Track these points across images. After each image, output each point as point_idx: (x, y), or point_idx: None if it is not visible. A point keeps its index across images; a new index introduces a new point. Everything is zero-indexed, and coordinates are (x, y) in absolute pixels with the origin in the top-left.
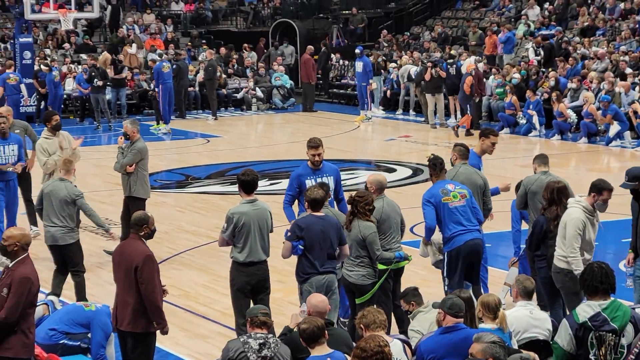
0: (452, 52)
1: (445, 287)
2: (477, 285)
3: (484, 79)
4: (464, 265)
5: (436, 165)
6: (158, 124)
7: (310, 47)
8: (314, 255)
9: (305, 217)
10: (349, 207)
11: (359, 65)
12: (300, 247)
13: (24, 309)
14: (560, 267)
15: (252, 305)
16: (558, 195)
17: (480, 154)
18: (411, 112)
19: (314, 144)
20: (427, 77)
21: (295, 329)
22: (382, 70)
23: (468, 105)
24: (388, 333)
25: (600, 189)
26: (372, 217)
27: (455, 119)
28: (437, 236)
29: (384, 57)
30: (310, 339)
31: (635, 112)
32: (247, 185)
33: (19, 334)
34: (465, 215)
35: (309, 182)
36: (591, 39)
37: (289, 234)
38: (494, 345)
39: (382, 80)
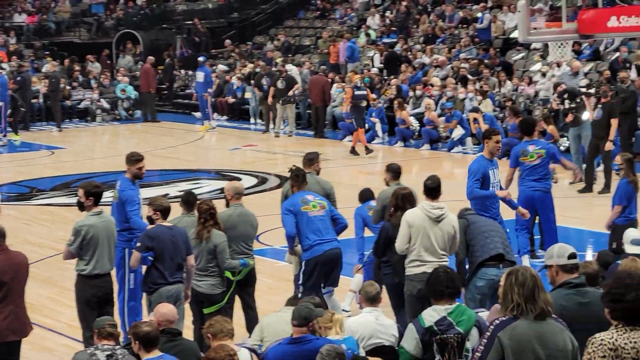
0: (278, 60)
1: (299, 294)
2: (335, 285)
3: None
4: (321, 274)
5: (298, 177)
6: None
7: (151, 58)
8: (165, 266)
9: (155, 227)
10: (201, 218)
11: (199, 75)
12: (150, 257)
13: None
14: (406, 274)
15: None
16: (403, 201)
17: (489, 156)
18: (258, 120)
19: (139, 157)
20: (280, 86)
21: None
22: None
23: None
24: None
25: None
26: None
27: (274, 126)
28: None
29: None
30: (152, 342)
31: (475, 119)
32: (94, 197)
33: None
34: (324, 225)
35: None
36: (432, 46)
37: (138, 244)
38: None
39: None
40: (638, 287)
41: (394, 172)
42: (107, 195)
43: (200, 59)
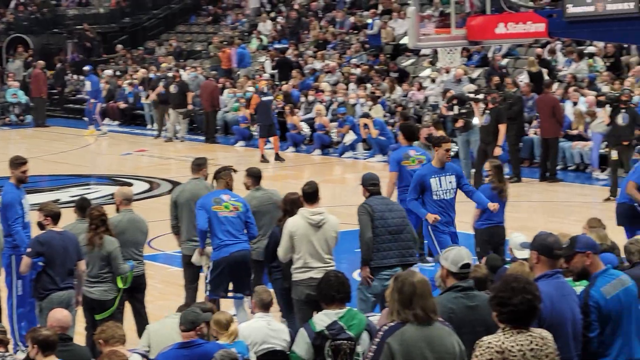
0: (164, 65)
1: (207, 293)
2: (249, 296)
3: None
4: (229, 276)
5: (218, 173)
6: None
7: (41, 62)
8: (55, 272)
9: (45, 232)
10: (92, 225)
11: (87, 84)
12: (41, 263)
13: None
14: (293, 279)
15: None
16: (291, 206)
17: (439, 164)
18: (149, 126)
19: (23, 160)
20: (173, 90)
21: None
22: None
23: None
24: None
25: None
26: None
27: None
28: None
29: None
30: (50, 347)
31: (365, 125)
32: None
33: None
34: (234, 226)
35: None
36: (323, 52)
37: (28, 250)
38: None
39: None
40: (524, 291)
41: (255, 176)
42: None
43: (86, 68)
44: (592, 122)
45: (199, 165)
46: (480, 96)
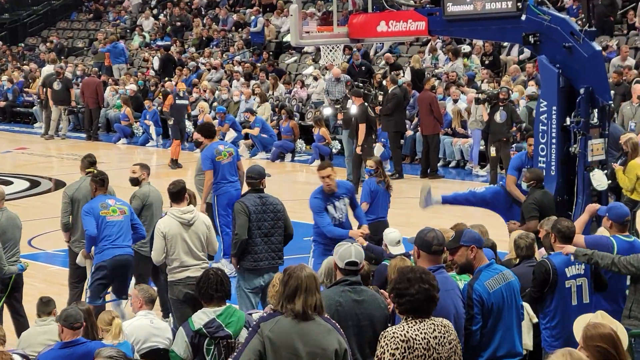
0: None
1: (87, 299)
2: (125, 298)
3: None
4: (110, 279)
5: (102, 180)
6: None
7: None
8: None
9: None
10: None
11: None
12: None
13: None
14: (170, 279)
15: None
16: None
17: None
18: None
19: None
20: (56, 87)
21: None
22: None
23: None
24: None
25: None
26: None
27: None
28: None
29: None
30: None
31: (249, 121)
32: None
33: None
34: (122, 230)
35: None
36: (207, 49)
37: None
38: (110, 359)
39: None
40: (420, 280)
41: (147, 168)
42: None
43: None
44: (470, 119)
45: (91, 163)
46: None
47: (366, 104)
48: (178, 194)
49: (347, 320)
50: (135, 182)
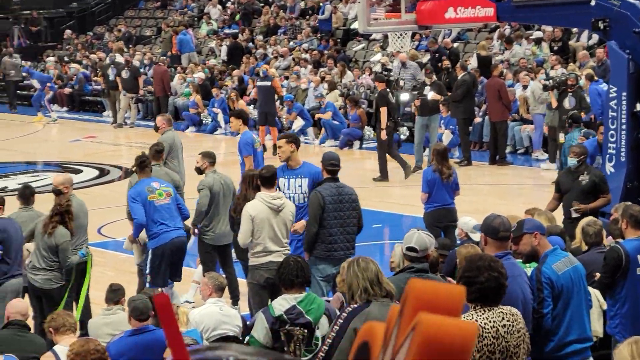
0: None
1: (148, 284)
2: (178, 280)
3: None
4: (168, 262)
5: (142, 164)
6: None
7: None
8: (12, 259)
9: (2, 220)
10: (50, 211)
11: (35, 82)
12: (0, 251)
13: None
14: (252, 263)
15: None
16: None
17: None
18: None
19: None
20: (125, 75)
21: None
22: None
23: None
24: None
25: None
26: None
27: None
28: (144, 234)
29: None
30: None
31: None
32: None
33: None
34: (170, 212)
35: None
36: (274, 37)
37: None
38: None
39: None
40: (489, 268)
41: (211, 157)
42: None
43: (24, 73)
44: (531, 105)
45: (158, 152)
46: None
47: (388, 89)
48: (270, 178)
49: None
50: (199, 171)
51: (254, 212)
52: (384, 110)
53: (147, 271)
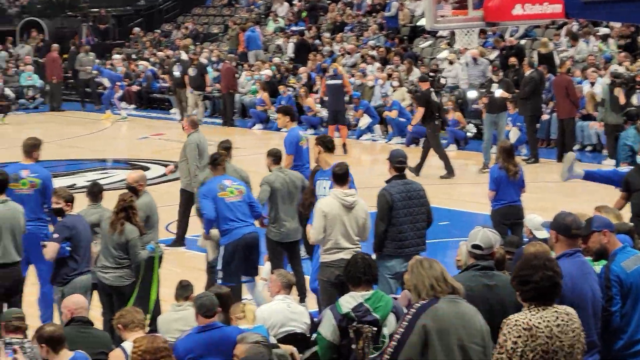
0: (190, 47)
1: (219, 281)
2: (254, 275)
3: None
4: (240, 258)
5: (214, 161)
6: None
7: (56, 46)
8: (80, 256)
9: (69, 217)
10: (115, 208)
11: (105, 81)
12: (68, 248)
13: None
14: (322, 260)
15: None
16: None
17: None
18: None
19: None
20: (192, 73)
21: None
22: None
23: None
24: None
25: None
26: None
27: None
28: (217, 231)
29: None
30: (58, 342)
31: (386, 105)
32: None
33: None
34: (242, 210)
35: None
36: (341, 34)
37: (55, 235)
38: (257, 345)
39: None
40: (544, 267)
41: (275, 156)
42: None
43: (94, 71)
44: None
45: (226, 149)
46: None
47: (431, 89)
48: (343, 176)
49: (478, 305)
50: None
51: (326, 208)
52: (420, 110)
53: (219, 267)
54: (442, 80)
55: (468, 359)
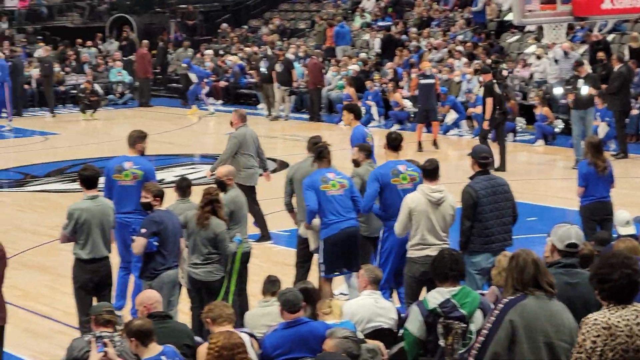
0: (277, 43)
1: (322, 274)
2: (356, 270)
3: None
4: (341, 252)
5: (319, 154)
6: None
7: (146, 42)
8: (168, 251)
9: (157, 212)
10: (200, 203)
11: (192, 76)
12: (156, 243)
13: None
14: (409, 256)
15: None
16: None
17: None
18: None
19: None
20: (278, 69)
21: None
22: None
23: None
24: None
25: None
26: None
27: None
28: (318, 221)
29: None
30: (147, 335)
31: (469, 101)
32: (88, 181)
33: None
34: (343, 204)
35: None
36: (427, 29)
37: (143, 230)
38: (346, 340)
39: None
40: (623, 265)
41: (367, 150)
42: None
43: (184, 64)
44: None
45: (315, 144)
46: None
47: (494, 80)
48: (432, 172)
49: None
50: (356, 163)
51: (412, 203)
52: (489, 101)
53: (321, 260)
54: (504, 72)
55: (555, 356)
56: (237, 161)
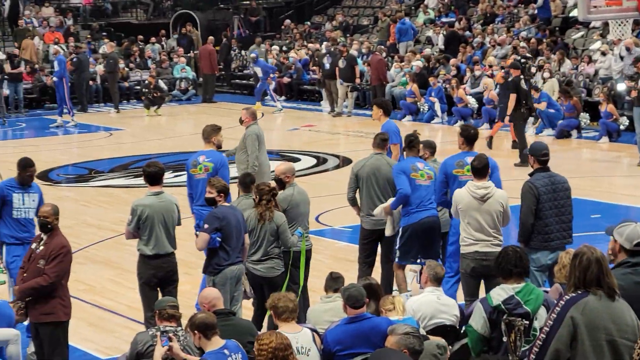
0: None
1: (396, 259)
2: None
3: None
4: (419, 242)
5: (411, 142)
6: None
7: (211, 38)
8: (231, 247)
9: (220, 207)
10: (256, 198)
11: (257, 70)
12: (218, 238)
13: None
14: (461, 252)
15: (160, 297)
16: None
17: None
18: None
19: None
20: (341, 65)
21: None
22: None
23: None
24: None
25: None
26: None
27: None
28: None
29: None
30: (210, 327)
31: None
32: (152, 177)
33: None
34: (427, 194)
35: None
36: (491, 26)
37: (205, 225)
38: (407, 336)
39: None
40: None
41: (432, 147)
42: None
43: (252, 55)
44: None
45: (384, 141)
46: None
47: (522, 76)
48: (481, 170)
49: (631, 304)
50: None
51: (457, 199)
52: (513, 97)
53: (397, 246)
54: (532, 69)
55: (618, 354)
56: (242, 159)
